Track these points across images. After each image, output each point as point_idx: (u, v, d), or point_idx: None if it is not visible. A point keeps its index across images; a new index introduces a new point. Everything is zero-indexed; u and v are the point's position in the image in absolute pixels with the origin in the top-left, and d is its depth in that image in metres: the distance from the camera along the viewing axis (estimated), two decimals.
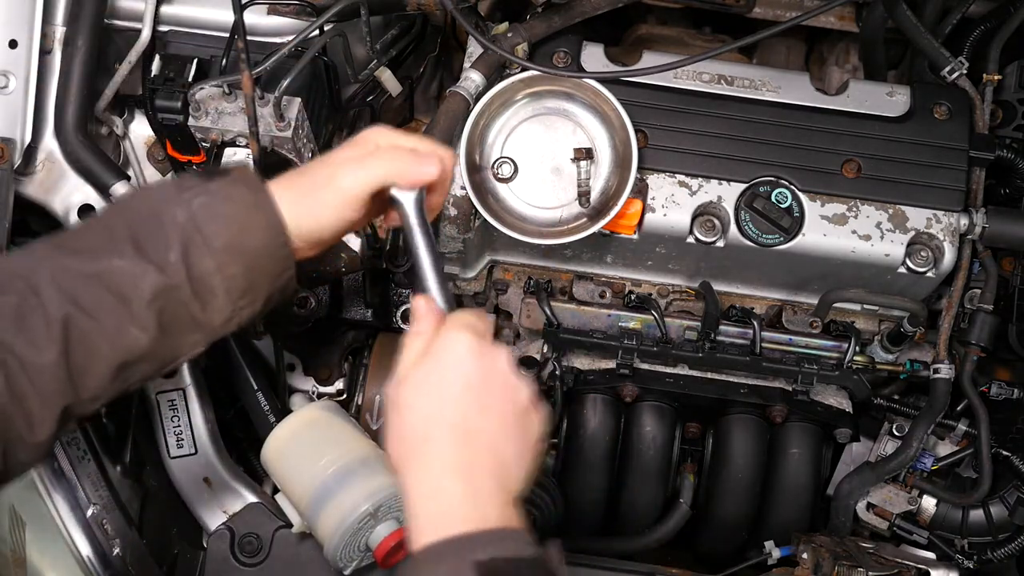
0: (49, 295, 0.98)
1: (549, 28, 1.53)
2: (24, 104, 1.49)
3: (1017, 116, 1.67)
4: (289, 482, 1.47)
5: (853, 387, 1.66)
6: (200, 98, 1.43)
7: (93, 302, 0.99)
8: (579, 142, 1.50)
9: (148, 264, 1.00)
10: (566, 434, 1.70)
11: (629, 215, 1.50)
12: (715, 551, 1.77)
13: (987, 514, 1.68)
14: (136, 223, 1.03)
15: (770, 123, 1.54)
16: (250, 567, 1.53)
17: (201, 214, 1.03)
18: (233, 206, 1.04)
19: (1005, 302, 1.67)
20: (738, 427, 1.67)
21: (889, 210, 1.53)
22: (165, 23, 1.58)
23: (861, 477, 1.67)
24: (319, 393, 1.76)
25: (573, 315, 1.66)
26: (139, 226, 1.02)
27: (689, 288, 1.67)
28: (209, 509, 1.57)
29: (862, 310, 1.67)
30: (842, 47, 1.89)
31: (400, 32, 1.67)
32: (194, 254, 1.01)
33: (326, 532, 1.40)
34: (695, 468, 1.72)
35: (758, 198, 1.52)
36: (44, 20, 1.50)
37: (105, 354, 1.00)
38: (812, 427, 1.67)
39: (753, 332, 1.61)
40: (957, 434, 1.68)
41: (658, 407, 1.67)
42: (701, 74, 1.56)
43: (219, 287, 1.03)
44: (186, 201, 1.03)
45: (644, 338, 1.63)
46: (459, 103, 1.49)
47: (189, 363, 1.56)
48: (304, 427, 1.51)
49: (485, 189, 1.50)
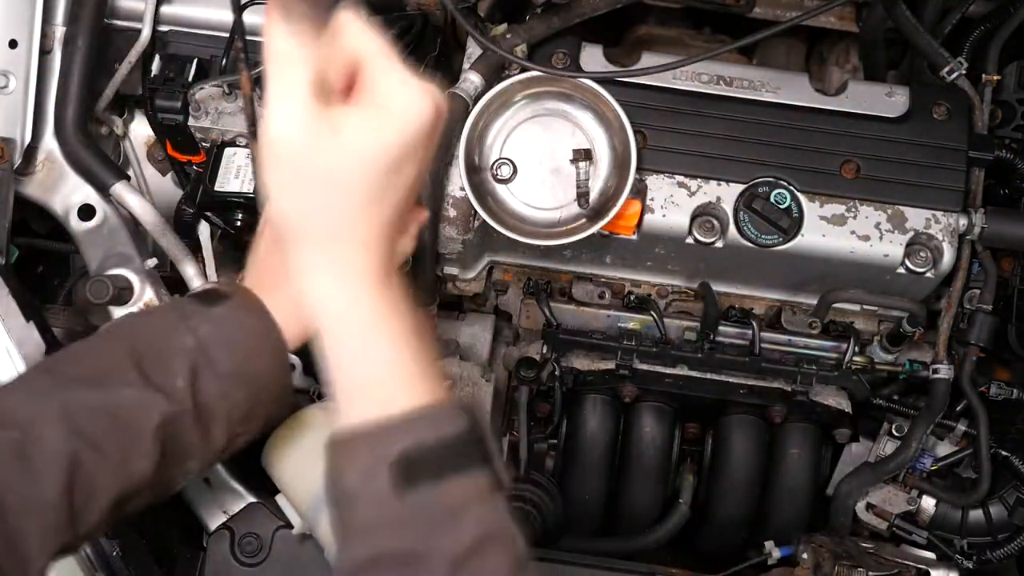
0: (54, 430, 0.94)
1: (548, 29, 1.53)
2: (24, 104, 1.49)
3: (1016, 116, 1.66)
4: (290, 484, 1.47)
5: (852, 387, 1.66)
6: (200, 98, 1.44)
7: (99, 434, 0.96)
8: (578, 143, 1.50)
9: (156, 393, 0.99)
10: (565, 434, 1.70)
11: (628, 216, 1.50)
12: (715, 551, 1.77)
13: (986, 514, 1.68)
14: (141, 349, 1.01)
15: (769, 124, 1.54)
16: (250, 567, 1.53)
17: (209, 340, 1.02)
18: (240, 332, 1.04)
19: (1004, 302, 1.67)
20: (738, 427, 1.67)
21: (888, 210, 1.53)
22: (165, 23, 1.58)
23: (860, 477, 1.67)
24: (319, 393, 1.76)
25: (572, 316, 1.66)
26: (144, 352, 1.01)
27: (688, 289, 1.68)
28: (209, 509, 1.57)
29: (861, 310, 1.67)
30: (842, 47, 1.89)
31: (400, 32, 1.67)
32: (201, 380, 1.01)
33: (328, 534, 1.40)
34: (695, 468, 1.72)
35: (757, 199, 1.52)
36: (44, 20, 1.50)
37: (107, 487, 0.96)
38: (811, 427, 1.67)
39: (752, 332, 1.61)
40: (956, 434, 1.68)
41: (658, 407, 1.68)
42: (700, 75, 1.56)
43: (221, 413, 1.03)
44: (192, 328, 1.02)
45: (643, 339, 1.63)
46: (458, 104, 1.49)
47: None
48: (305, 429, 1.50)
49: (484, 190, 1.50)
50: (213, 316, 1.04)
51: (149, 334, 1.03)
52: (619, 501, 1.70)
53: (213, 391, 1.02)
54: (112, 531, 1.08)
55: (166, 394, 0.99)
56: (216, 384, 1.02)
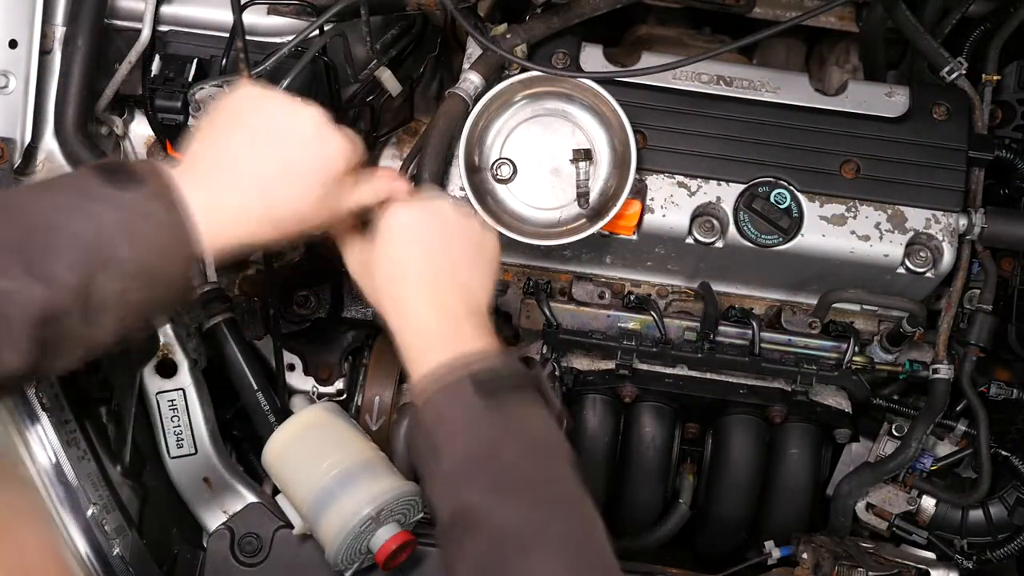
0: None
1: (548, 29, 1.53)
2: (24, 104, 1.49)
3: (1016, 116, 1.67)
4: (291, 485, 1.47)
5: (852, 387, 1.66)
6: (200, 98, 1.43)
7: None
8: (578, 143, 1.50)
9: (37, 283, 0.89)
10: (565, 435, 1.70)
11: (628, 216, 1.50)
12: (715, 551, 1.77)
13: (986, 514, 1.68)
14: (26, 230, 0.92)
15: (769, 124, 1.54)
16: (250, 567, 1.53)
17: (113, 232, 0.93)
18: (151, 227, 0.96)
19: (1004, 302, 1.67)
20: (737, 427, 1.67)
21: (888, 210, 1.53)
22: (165, 23, 1.58)
23: (860, 477, 1.67)
24: (319, 393, 1.76)
25: (572, 316, 1.66)
26: (30, 233, 0.91)
27: (688, 289, 1.68)
28: (209, 509, 1.58)
29: (861, 310, 1.67)
30: (842, 47, 1.89)
31: (400, 32, 1.67)
32: (100, 278, 0.92)
33: (328, 535, 1.40)
34: (695, 468, 1.72)
35: (757, 199, 1.52)
36: (44, 20, 1.50)
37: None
38: (811, 427, 1.67)
39: (752, 332, 1.61)
40: (956, 434, 1.68)
41: (657, 407, 1.67)
42: (700, 75, 1.56)
43: (116, 312, 0.95)
44: (94, 215, 0.93)
45: (643, 339, 1.63)
46: (458, 104, 1.49)
47: (189, 363, 1.57)
48: (305, 429, 1.51)
49: (484, 190, 1.50)
50: (122, 203, 0.95)
51: (40, 212, 0.93)
52: (619, 501, 1.70)
53: (110, 290, 0.93)
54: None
55: (50, 286, 0.90)
56: (116, 283, 0.93)
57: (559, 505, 0.98)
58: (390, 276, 1.12)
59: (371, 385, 1.73)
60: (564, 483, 1.00)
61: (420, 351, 1.06)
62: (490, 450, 0.99)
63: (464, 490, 0.97)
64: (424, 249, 1.12)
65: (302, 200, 1.06)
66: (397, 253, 1.12)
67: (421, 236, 1.13)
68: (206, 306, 1.60)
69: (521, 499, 0.96)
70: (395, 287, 1.11)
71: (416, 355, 1.07)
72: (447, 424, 1.01)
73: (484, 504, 0.95)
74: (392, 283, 1.12)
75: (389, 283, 1.12)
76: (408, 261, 1.11)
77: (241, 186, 1.03)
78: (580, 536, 0.97)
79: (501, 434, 1.00)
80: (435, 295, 1.09)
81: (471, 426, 1.00)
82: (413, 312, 1.09)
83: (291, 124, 1.06)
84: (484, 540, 0.94)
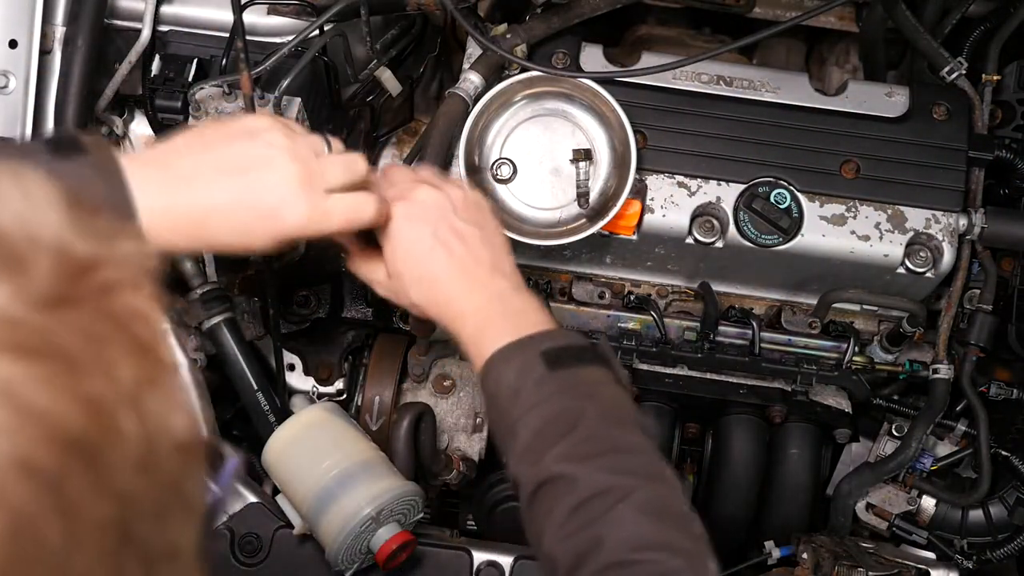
0: None
1: (548, 29, 1.53)
2: (24, 104, 1.49)
3: (1016, 116, 1.67)
4: (291, 485, 1.47)
5: (852, 387, 1.66)
6: (200, 98, 1.43)
7: None
8: (578, 143, 1.50)
9: None
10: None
11: (628, 216, 1.50)
12: (715, 551, 1.76)
13: (986, 514, 1.68)
14: None
15: (769, 124, 1.54)
16: (250, 567, 1.53)
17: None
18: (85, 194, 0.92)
19: (1004, 302, 1.67)
20: (737, 427, 1.67)
21: (888, 210, 1.53)
22: (165, 23, 1.58)
23: (860, 477, 1.67)
24: (319, 393, 1.76)
25: (572, 316, 1.66)
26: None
27: (688, 289, 1.68)
28: None
29: (861, 310, 1.67)
30: (842, 47, 1.89)
31: (400, 32, 1.67)
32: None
33: (328, 536, 1.40)
34: (694, 468, 1.72)
35: (757, 199, 1.52)
36: (44, 20, 1.50)
37: None
38: (811, 427, 1.67)
39: (752, 332, 1.61)
40: (956, 434, 1.68)
41: (657, 407, 1.67)
42: (700, 75, 1.56)
43: None
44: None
45: (643, 339, 1.63)
46: (458, 104, 1.49)
47: (189, 362, 1.57)
48: (305, 429, 1.50)
49: (484, 190, 1.50)
50: (59, 171, 0.93)
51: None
52: None
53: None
54: None
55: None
56: None
57: (637, 468, 1.01)
58: (423, 288, 1.15)
59: (371, 385, 1.73)
60: (638, 448, 1.04)
61: (486, 339, 1.08)
62: (566, 421, 1.01)
63: (545, 461, 1.00)
64: (440, 246, 1.13)
65: (239, 242, 1.06)
66: (417, 264, 1.14)
67: (430, 236, 1.14)
68: (206, 306, 1.60)
69: (601, 465, 1.00)
70: (434, 295, 1.14)
71: (484, 344, 1.08)
72: (522, 400, 1.03)
73: (568, 471, 0.99)
74: (430, 293, 1.14)
75: (427, 294, 1.15)
76: (431, 265, 1.14)
77: (181, 201, 1.03)
78: (663, 493, 1.01)
79: (574, 403, 1.03)
80: (473, 283, 1.12)
81: (545, 400, 1.03)
82: (463, 309, 1.12)
83: (265, 175, 1.06)
84: (572, 502, 0.97)
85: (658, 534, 0.96)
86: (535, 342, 1.06)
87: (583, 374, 1.06)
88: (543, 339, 1.07)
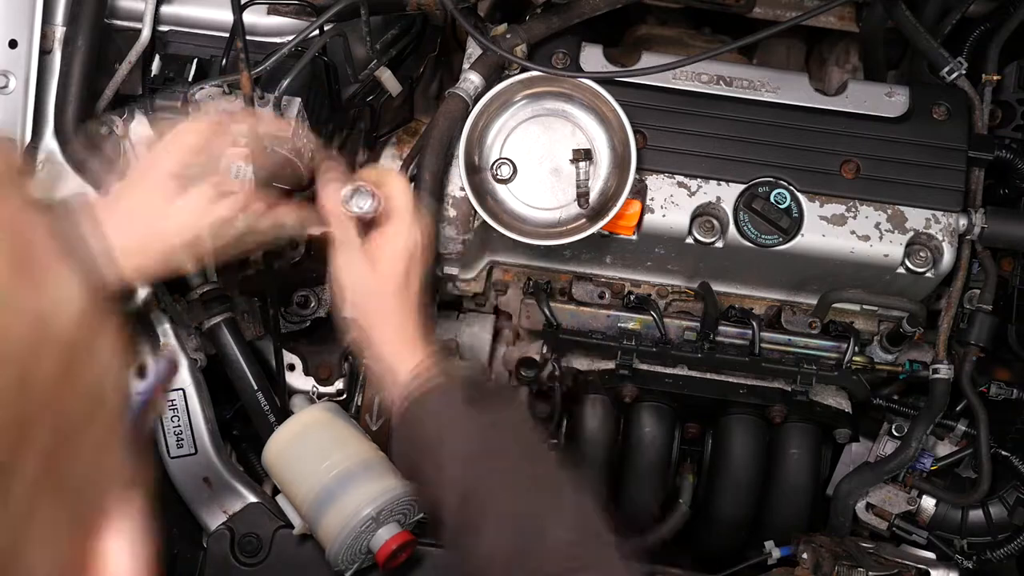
0: None
1: (548, 29, 1.53)
2: (24, 104, 1.49)
3: (1016, 116, 1.66)
4: (291, 485, 1.47)
5: (852, 387, 1.66)
6: (200, 98, 1.43)
7: None
8: (578, 143, 1.50)
9: None
10: (565, 435, 1.70)
11: (628, 216, 1.50)
12: (715, 551, 1.77)
13: (986, 514, 1.68)
14: None
15: (769, 124, 1.54)
16: (250, 567, 1.53)
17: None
18: None
19: (1004, 302, 1.67)
20: (737, 427, 1.67)
21: (888, 210, 1.53)
22: (165, 23, 1.58)
23: (860, 477, 1.67)
24: (319, 393, 1.76)
25: (572, 316, 1.66)
26: None
27: (688, 289, 1.68)
28: (209, 509, 1.57)
29: (861, 310, 1.67)
30: (842, 47, 1.89)
31: (400, 32, 1.67)
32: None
33: (328, 536, 1.40)
34: (695, 468, 1.72)
35: (757, 199, 1.52)
36: (44, 20, 1.50)
37: None
38: (811, 427, 1.67)
39: (752, 332, 1.61)
40: (956, 434, 1.68)
41: (657, 408, 1.67)
42: (700, 75, 1.56)
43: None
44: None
45: (643, 339, 1.63)
46: (458, 104, 1.49)
47: (189, 363, 1.57)
48: (305, 429, 1.51)
49: (484, 190, 1.50)
50: None
51: None
52: (619, 501, 1.70)
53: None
54: None
55: None
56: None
57: (558, 490, 1.13)
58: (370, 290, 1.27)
59: (371, 385, 1.73)
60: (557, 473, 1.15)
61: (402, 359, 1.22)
62: (487, 449, 1.13)
63: (471, 483, 1.10)
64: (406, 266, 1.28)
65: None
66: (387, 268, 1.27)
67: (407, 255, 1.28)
68: (206, 306, 1.60)
69: (525, 487, 1.11)
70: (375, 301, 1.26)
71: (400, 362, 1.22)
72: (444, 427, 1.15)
73: (491, 494, 1.09)
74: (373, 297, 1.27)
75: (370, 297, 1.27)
76: (394, 278, 1.26)
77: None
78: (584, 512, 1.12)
79: (494, 434, 1.15)
80: (405, 307, 1.26)
81: (467, 429, 1.14)
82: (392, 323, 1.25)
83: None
84: (499, 522, 1.08)
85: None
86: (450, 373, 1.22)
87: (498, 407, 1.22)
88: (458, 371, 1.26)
